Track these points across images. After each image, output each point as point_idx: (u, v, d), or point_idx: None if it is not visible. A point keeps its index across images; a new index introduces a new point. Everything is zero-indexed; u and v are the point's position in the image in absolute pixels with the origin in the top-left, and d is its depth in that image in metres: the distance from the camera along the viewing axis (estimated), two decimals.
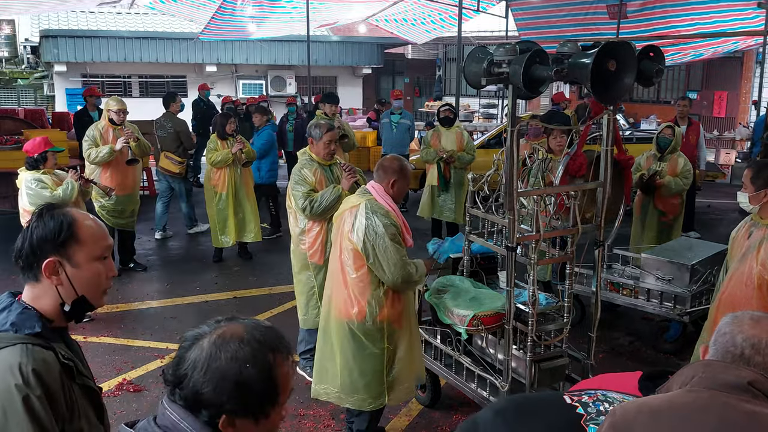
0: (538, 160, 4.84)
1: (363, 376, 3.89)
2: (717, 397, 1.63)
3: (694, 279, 5.35)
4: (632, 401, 1.76)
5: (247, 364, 1.43)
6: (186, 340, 1.49)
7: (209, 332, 1.48)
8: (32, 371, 1.72)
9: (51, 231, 1.84)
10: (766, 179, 3.62)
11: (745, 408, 1.60)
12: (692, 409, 1.64)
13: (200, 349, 1.45)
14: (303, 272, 5.03)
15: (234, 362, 1.43)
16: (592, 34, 11.73)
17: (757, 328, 1.73)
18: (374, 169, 3.94)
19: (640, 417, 1.66)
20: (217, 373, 1.42)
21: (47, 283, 1.85)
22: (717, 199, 11.57)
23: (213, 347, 1.44)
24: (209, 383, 1.42)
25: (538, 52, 3.37)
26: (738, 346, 1.72)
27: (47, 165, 5.83)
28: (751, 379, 1.64)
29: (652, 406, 1.68)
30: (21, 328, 1.80)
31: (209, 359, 1.43)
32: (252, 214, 7.93)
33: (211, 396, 1.42)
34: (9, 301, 1.87)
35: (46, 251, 1.84)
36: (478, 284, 4.53)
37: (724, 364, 1.72)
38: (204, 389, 1.42)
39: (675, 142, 6.60)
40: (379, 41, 21.29)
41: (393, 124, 10.43)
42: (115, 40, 18.52)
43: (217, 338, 1.46)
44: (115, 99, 7.30)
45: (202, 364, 1.43)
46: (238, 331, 1.47)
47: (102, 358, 5.33)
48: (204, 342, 1.46)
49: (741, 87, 18.33)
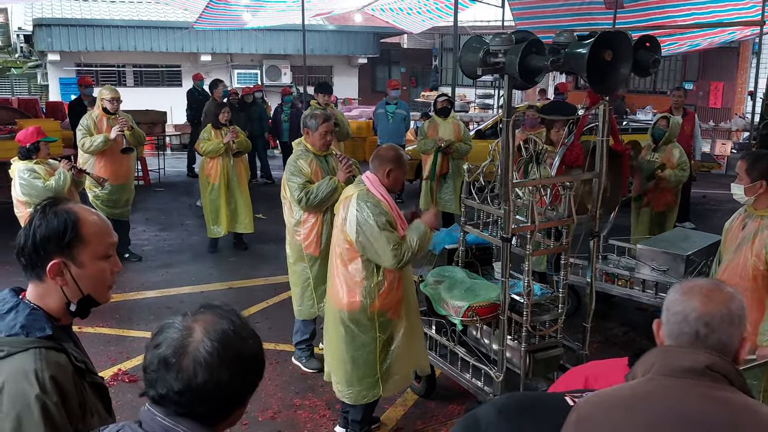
0: (533, 152, 4.82)
1: (356, 367, 3.91)
2: (676, 385, 1.62)
3: (689, 269, 5.36)
4: (596, 393, 1.74)
5: (250, 340, 1.45)
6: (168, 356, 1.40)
7: (188, 331, 1.42)
8: (49, 378, 1.69)
9: (55, 231, 1.79)
10: (762, 170, 3.61)
11: (703, 393, 1.58)
12: (653, 397, 1.63)
13: (194, 348, 1.39)
14: (298, 263, 5.03)
15: (244, 342, 1.43)
16: (588, 24, 11.69)
17: (709, 303, 1.66)
18: (370, 158, 3.92)
19: (604, 409, 1.65)
20: (232, 356, 1.40)
21: (51, 283, 1.82)
22: (712, 189, 11.59)
23: (211, 341, 1.40)
24: (226, 370, 1.39)
25: (534, 42, 3.36)
26: (692, 326, 1.66)
27: (40, 155, 5.80)
28: (709, 362, 1.61)
29: (615, 397, 1.67)
30: (32, 331, 1.75)
31: (219, 351, 1.39)
32: (244, 204, 7.90)
33: (233, 384, 1.41)
34: (15, 301, 1.81)
35: (50, 252, 1.79)
36: (473, 275, 4.54)
37: (682, 349, 1.68)
38: (223, 379, 1.38)
39: (670, 133, 6.60)
40: (375, 31, 21.19)
41: (389, 114, 10.40)
42: (110, 29, 18.38)
43: (208, 331, 1.42)
44: (108, 88, 7.26)
45: (211, 358, 1.38)
46: (214, 318, 1.45)
47: (97, 349, 5.32)
48: (194, 339, 1.41)
49: (737, 77, 18.33)
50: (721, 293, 1.69)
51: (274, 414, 4.50)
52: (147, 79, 20.05)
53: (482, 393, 4.10)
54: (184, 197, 11.13)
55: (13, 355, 1.71)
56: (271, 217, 9.35)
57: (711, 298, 1.66)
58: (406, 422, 4.49)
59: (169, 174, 13.04)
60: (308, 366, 5.11)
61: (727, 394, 1.58)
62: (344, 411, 4.19)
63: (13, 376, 1.69)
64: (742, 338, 1.68)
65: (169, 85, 19.78)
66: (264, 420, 4.43)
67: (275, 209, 9.11)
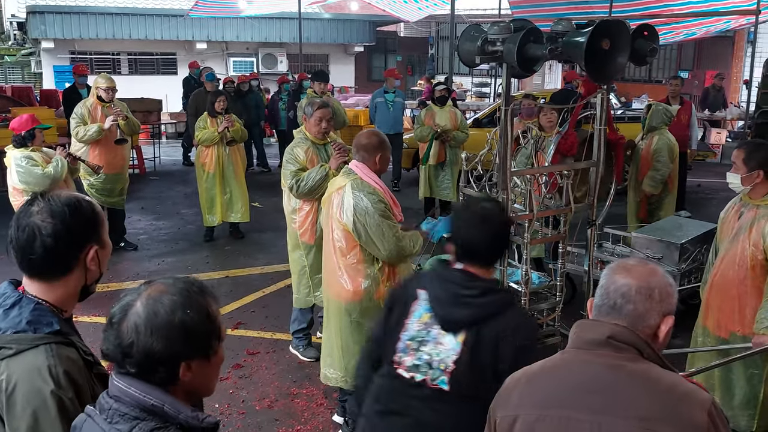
0: (531, 139, 4.83)
1: None
2: (579, 356, 1.72)
3: (683, 257, 5.38)
4: (520, 370, 1.87)
5: (187, 309, 1.49)
6: (115, 315, 1.51)
7: (135, 299, 1.51)
8: (63, 373, 1.69)
9: (89, 218, 1.83)
10: (759, 160, 3.61)
11: (603, 362, 1.67)
12: (558, 368, 1.75)
13: (136, 315, 1.48)
14: (295, 251, 5.03)
15: (174, 312, 1.48)
16: (584, 12, 11.65)
17: (627, 276, 1.73)
18: (354, 148, 3.85)
19: (520, 383, 1.80)
20: (163, 327, 1.47)
21: (76, 273, 1.82)
22: (707, 178, 11.61)
23: (148, 308, 1.48)
24: (159, 339, 1.46)
25: (532, 31, 3.35)
26: (610, 297, 1.73)
27: (35, 142, 5.77)
28: (610, 333, 1.69)
29: (530, 372, 1.80)
30: (39, 327, 1.73)
31: (150, 318, 1.47)
32: (240, 193, 7.88)
33: (164, 350, 1.47)
34: (17, 296, 1.79)
35: (87, 239, 1.83)
36: None
37: (591, 322, 1.77)
38: (156, 347, 1.46)
39: (648, 120, 6.56)
40: (371, 19, 21.11)
41: (389, 103, 10.34)
42: (104, 17, 18.25)
43: (148, 299, 1.50)
44: (103, 76, 7.21)
45: (145, 326, 1.46)
46: (163, 288, 1.52)
47: (93, 338, 5.29)
48: (136, 308, 1.49)
49: (732, 66, 18.32)
50: (643, 268, 1.76)
51: (271, 403, 4.52)
52: (142, 67, 19.94)
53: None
54: (179, 186, 11.10)
55: (22, 352, 1.70)
56: (267, 206, 9.35)
57: (631, 272, 1.74)
58: None
59: (165, 162, 13.00)
60: (305, 355, 5.12)
61: (624, 363, 1.66)
62: (342, 400, 4.20)
63: (26, 374, 1.67)
64: (664, 315, 1.72)
65: (165, 73, 19.66)
66: (261, 409, 4.44)
67: (272, 198, 9.12)
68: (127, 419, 1.46)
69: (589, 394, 1.65)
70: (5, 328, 1.73)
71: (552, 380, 1.74)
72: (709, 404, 1.61)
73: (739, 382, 3.77)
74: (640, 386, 1.63)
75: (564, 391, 1.70)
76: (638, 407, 1.60)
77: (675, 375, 1.68)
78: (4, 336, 1.72)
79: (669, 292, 1.74)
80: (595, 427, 1.62)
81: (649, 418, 1.58)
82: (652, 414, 1.58)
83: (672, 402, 1.60)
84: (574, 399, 1.67)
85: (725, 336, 3.76)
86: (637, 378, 1.64)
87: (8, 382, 1.68)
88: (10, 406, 1.67)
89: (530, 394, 1.75)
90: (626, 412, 1.60)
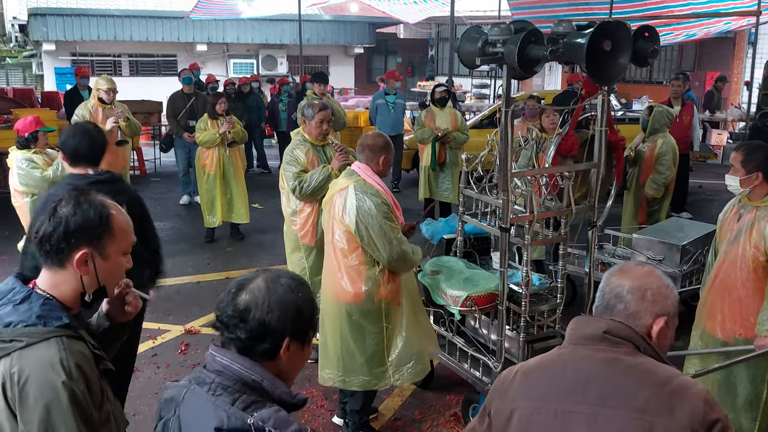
0: (532, 140, 4.83)
1: (365, 357, 3.87)
2: (576, 351, 1.77)
3: (684, 259, 5.38)
4: (516, 365, 1.92)
5: (299, 293, 1.68)
6: (233, 287, 1.68)
7: (255, 277, 1.69)
8: (75, 365, 1.71)
9: (91, 221, 1.83)
10: (758, 162, 3.59)
11: (599, 357, 1.71)
12: (555, 364, 1.80)
13: (257, 288, 1.66)
14: (295, 253, 5.03)
15: (291, 293, 1.67)
16: (584, 14, 11.65)
17: (623, 278, 1.80)
18: (358, 148, 3.87)
19: (516, 378, 1.83)
20: (279, 302, 1.64)
21: (72, 271, 1.83)
22: (708, 179, 11.60)
23: (269, 284, 1.66)
24: (275, 311, 1.63)
25: (533, 32, 3.35)
26: (606, 298, 1.80)
27: (38, 144, 5.76)
28: (606, 328, 1.74)
29: (526, 366, 1.85)
30: (49, 321, 1.76)
31: (270, 293, 1.65)
32: (240, 195, 7.90)
33: (276, 323, 1.63)
34: (27, 291, 1.82)
35: (82, 241, 1.83)
36: (472, 265, 4.54)
37: (588, 318, 1.85)
38: (270, 318, 1.62)
39: (651, 123, 6.53)
40: (371, 20, 21.11)
41: (390, 105, 10.34)
42: (105, 19, 18.26)
43: (269, 278, 1.69)
44: (104, 78, 7.23)
45: (263, 298, 1.64)
46: (282, 273, 1.72)
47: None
48: (257, 282, 1.67)
49: (733, 67, 18.32)
50: (638, 270, 1.82)
51: None
52: (143, 68, 19.94)
53: (480, 383, 4.10)
54: (180, 187, 11.09)
55: (32, 345, 1.71)
56: (267, 207, 9.35)
57: (627, 274, 1.81)
58: (404, 412, 4.50)
59: (165, 164, 12.99)
60: None
61: (621, 357, 1.70)
62: (342, 401, 4.20)
63: (39, 366, 1.70)
64: (657, 315, 1.76)
65: (165, 74, 19.66)
66: None
67: (272, 199, 9.11)
68: (230, 392, 1.59)
69: (586, 388, 1.69)
70: (16, 321, 1.75)
71: (549, 375, 1.78)
72: (705, 393, 1.64)
73: (742, 383, 3.75)
74: (636, 379, 1.66)
75: (561, 385, 1.73)
76: (634, 399, 1.63)
77: (671, 368, 1.71)
78: (15, 329, 1.74)
79: (664, 293, 1.77)
80: (591, 420, 1.65)
81: (645, 409, 1.61)
82: (648, 406, 1.61)
83: (667, 394, 1.62)
84: (571, 393, 1.70)
85: (728, 339, 3.74)
86: (634, 371, 1.67)
87: (20, 374, 1.70)
88: (23, 398, 1.69)
89: (527, 388, 1.78)
90: (622, 404, 1.63)
